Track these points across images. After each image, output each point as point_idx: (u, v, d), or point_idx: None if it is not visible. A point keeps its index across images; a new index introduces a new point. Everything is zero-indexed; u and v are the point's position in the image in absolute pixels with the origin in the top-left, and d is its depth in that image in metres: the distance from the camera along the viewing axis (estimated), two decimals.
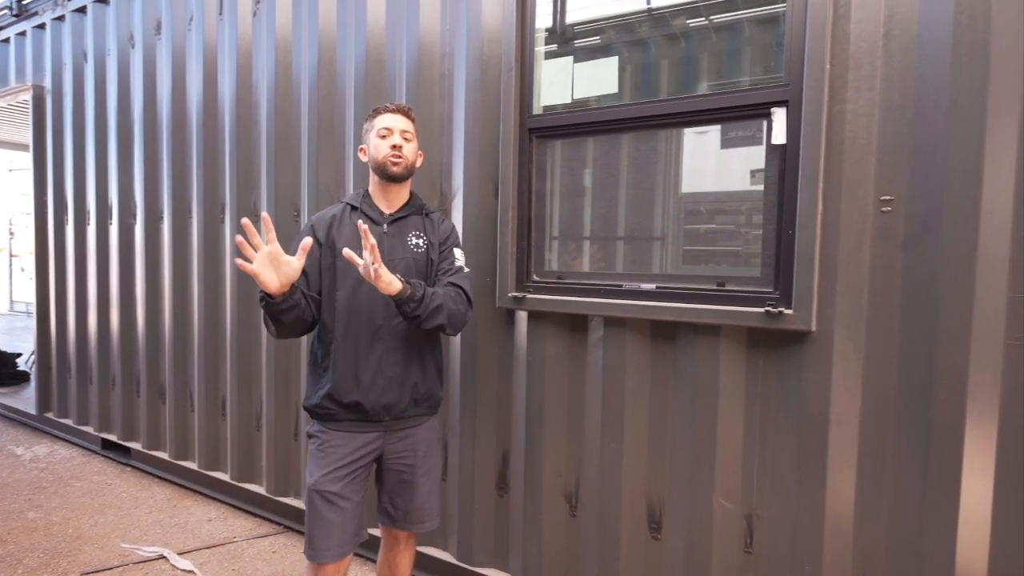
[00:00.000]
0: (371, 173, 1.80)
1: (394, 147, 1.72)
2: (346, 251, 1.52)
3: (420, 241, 1.77)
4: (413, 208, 1.81)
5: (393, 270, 1.61)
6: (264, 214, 1.53)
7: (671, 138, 1.91)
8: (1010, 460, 1.45)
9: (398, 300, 1.56)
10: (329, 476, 1.67)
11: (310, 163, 2.66)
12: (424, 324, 1.62)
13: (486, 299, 2.18)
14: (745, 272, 1.79)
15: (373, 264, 1.49)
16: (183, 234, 3.23)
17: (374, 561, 2.46)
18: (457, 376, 2.29)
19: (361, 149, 1.82)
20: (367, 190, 1.83)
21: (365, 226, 1.49)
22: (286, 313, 1.58)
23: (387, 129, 1.73)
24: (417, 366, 1.75)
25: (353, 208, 1.79)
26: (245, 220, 1.55)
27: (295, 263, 1.52)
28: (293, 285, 1.55)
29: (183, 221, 3.23)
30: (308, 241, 1.53)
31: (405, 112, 1.78)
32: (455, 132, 2.27)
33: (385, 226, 1.75)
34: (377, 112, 1.78)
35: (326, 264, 1.72)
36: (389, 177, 1.74)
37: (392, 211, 1.78)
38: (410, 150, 1.76)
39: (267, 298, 1.54)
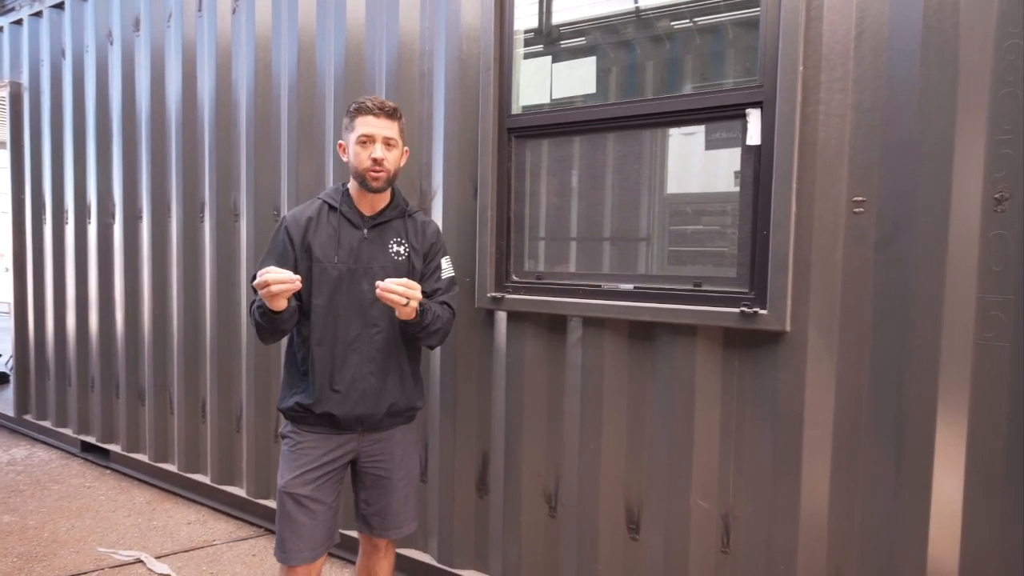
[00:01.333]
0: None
1: (375, 160, 1.60)
2: (379, 288, 1.50)
3: (401, 248, 1.71)
4: (395, 211, 1.72)
5: (372, 278, 1.61)
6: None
7: (653, 138, 1.91)
8: (979, 457, 1.46)
9: (406, 323, 1.62)
10: (299, 479, 1.64)
11: (290, 162, 2.63)
12: (417, 340, 1.71)
13: (465, 299, 2.17)
14: (721, 272, 1.80)
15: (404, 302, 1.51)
16: (163, 234, 3.20)
17: (352, 563, 2.45)
18: (436, 377, 2.28)
19: (340, 146, 1.69)
20: (347, 188, 1.72)
21: (388, 293, 1.49)
22: (287, 322, 1.61)
23: (367, 136, 1.60)
24: (395, 380, 1.70)
25: (331, 208, 1.69)
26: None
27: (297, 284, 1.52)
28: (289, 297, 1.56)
29: (162, 220, 3.19)
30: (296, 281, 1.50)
31: (389, 113, 1.62)
32: (435, 131, 2.26)
33: (365, 231, 1.67)
34: (359, 111, 1.62)
35: (302, 269, 1.65)
36: (370, 190, 1.65)
37: (373, 213, 1.70)
38: (392, 159, 1.64)
39: (271, 314, 1.54)
